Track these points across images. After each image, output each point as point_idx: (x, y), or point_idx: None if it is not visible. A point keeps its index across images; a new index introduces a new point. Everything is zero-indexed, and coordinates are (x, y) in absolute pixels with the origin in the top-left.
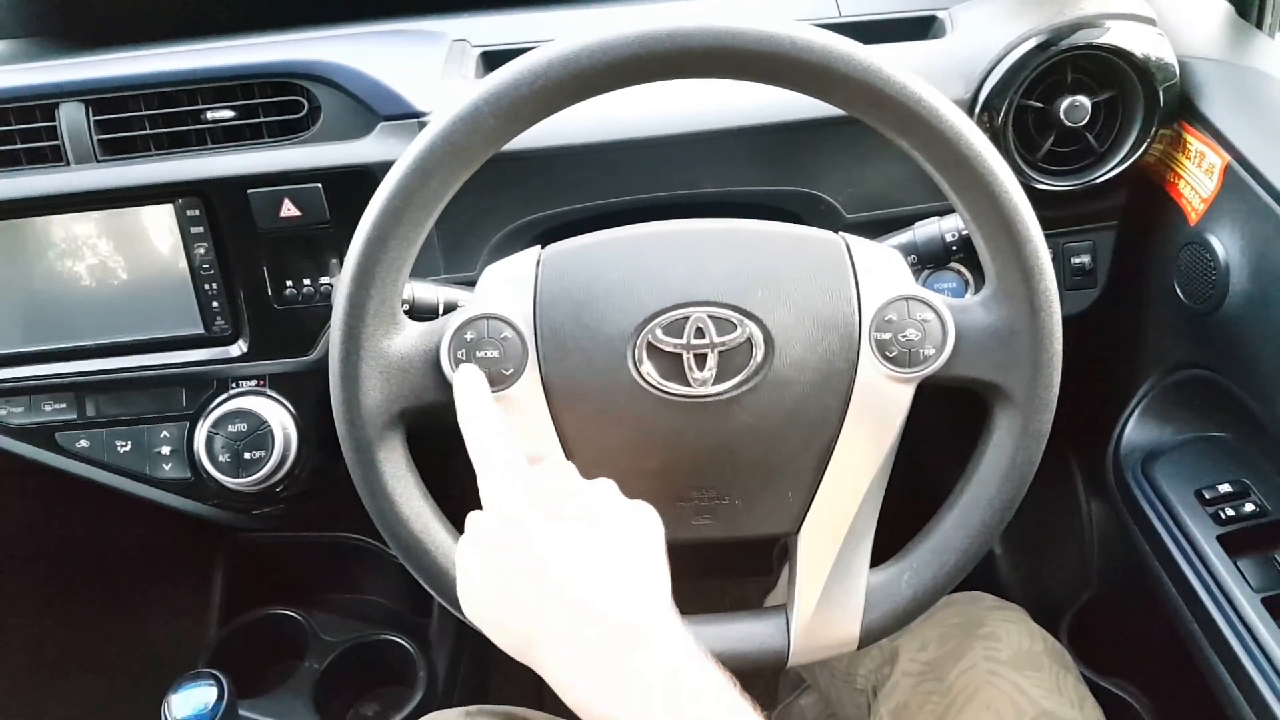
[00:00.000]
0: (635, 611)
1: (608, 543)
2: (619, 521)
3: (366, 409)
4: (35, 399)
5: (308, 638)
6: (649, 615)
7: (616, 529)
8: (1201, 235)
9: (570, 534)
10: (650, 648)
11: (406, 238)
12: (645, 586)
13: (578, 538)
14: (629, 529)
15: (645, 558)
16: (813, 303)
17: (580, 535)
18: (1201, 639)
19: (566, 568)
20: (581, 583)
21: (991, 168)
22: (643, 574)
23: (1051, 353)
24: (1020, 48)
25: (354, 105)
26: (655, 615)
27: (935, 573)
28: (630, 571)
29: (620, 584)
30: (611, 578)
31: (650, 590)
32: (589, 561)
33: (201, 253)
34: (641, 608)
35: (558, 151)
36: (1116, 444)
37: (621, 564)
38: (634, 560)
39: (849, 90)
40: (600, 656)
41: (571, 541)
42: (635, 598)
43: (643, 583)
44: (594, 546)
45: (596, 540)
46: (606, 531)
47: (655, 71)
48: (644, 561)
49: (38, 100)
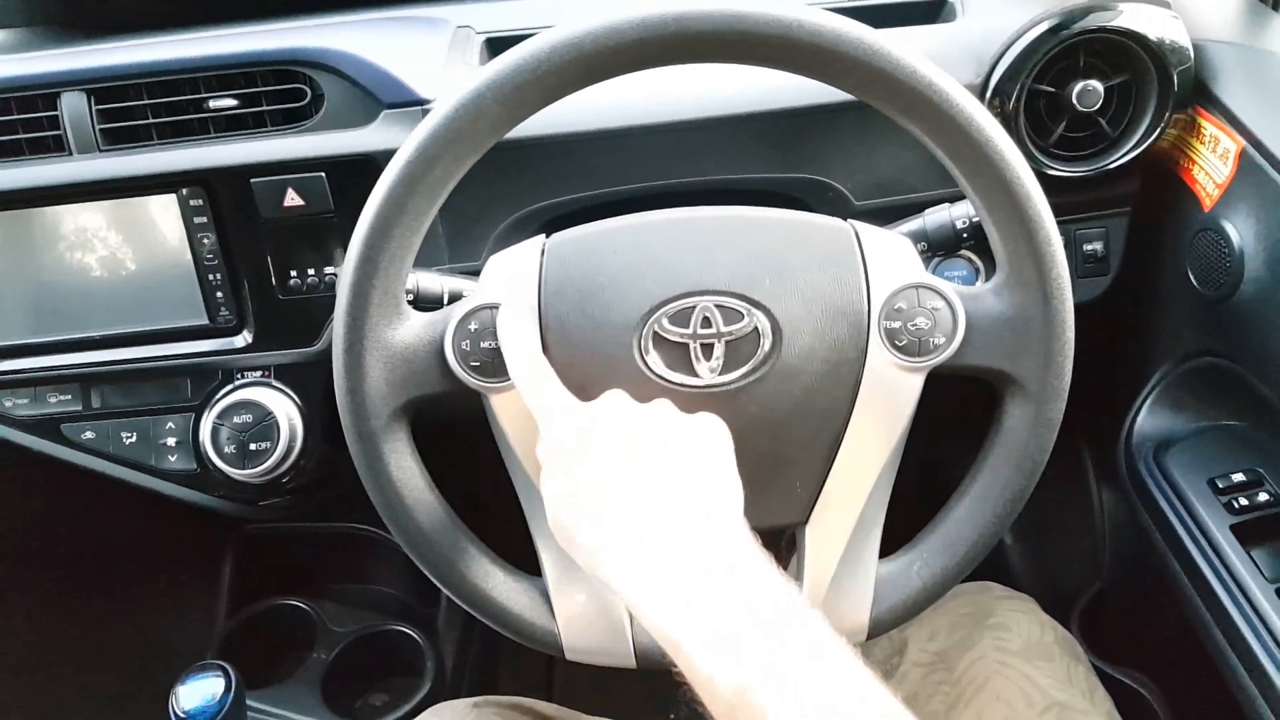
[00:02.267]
0: (708, 524)
1: (680, 460)
2: (687, 436)
3: (371, 400)
4: (40, 390)
5: (316, 628)
6: (721, 527)
7: (687, 444)
8: (1216, 221)
9: (644, 455)
10: (723, 559)
11: (410, 227)
12: (720, 501)
13: (652, 458)
14: (699, 443)
15: (717, 471)
16: (821, 291)
17: (654, 456)
18: (1214, 629)
19: (643, 488)
20: (654, 496)
21: (1003, 153)
22: (717, 487)
23: (1064, 341)
24: (1032, 31)
25: (357, 93)
26: (728, 527)
27: (945, 563)
28: (705, 486)
29: (696, 501)
30: (687, 495)
31: (725, 504)
32: (664, 481)
33: (206, 243)
34: (717, 524)
35: (562, 139)
36: (1128, 433)
37: (695, 480)
38: (707, 475)
39: (859, 75)
40: (673, 569)
41: (646, 462)
42: (711, 514)
43: (717, 497)
44: (667, 465)
45: (669, 459)
46: (678, 449)
47: (661, 56)
48: (717, 475)
49: (39, 89)
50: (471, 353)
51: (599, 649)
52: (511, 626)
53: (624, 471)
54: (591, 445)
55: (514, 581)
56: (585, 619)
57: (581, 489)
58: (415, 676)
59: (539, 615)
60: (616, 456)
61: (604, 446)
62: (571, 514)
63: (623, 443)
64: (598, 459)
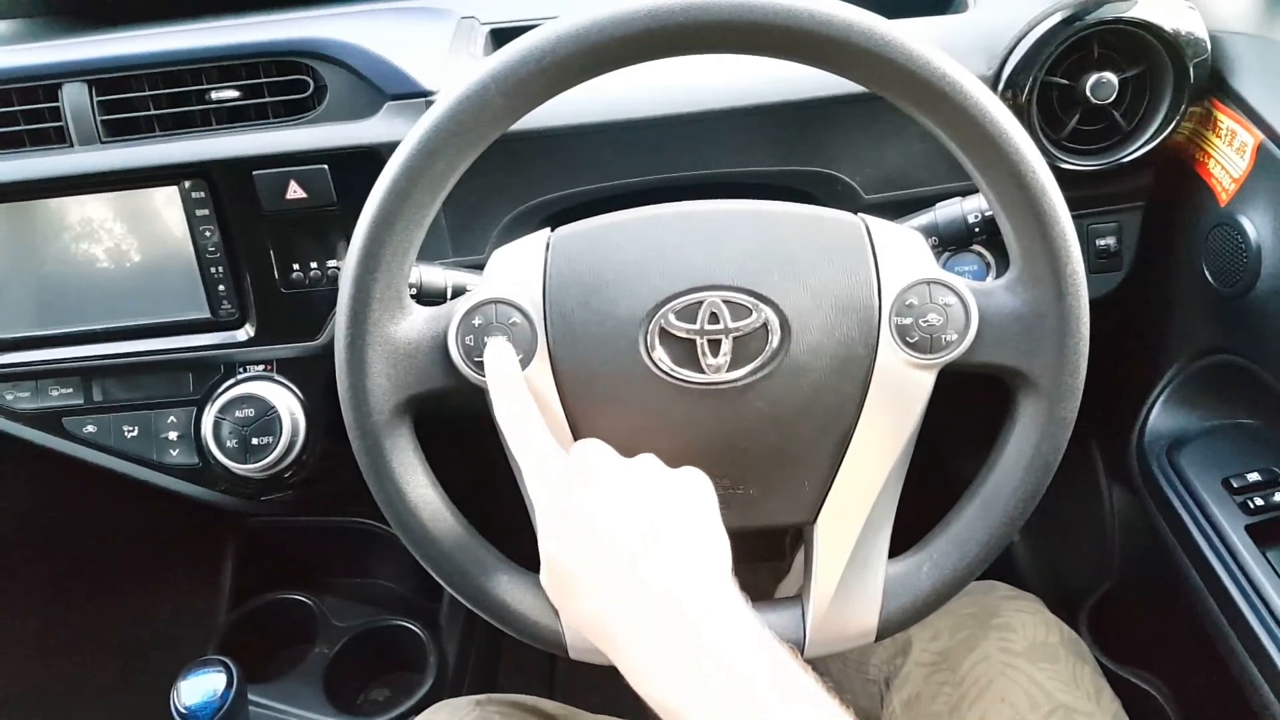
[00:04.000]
0: (700, 592)
1: (665, 525)
2: (674, 496)
3: (373, 395)
4: (42, 383)
5: (318, 623)
6: (713, 594)
7: (673, 505)
8: (1232, 216)
9: (629, 521)
10: (715, 630)
11: (413, 220)
12: (709, 563)
13: (636, 518)
14: (685, 503)
15: (705, 531)
16: (831, 286)
17: (639, 516)
18: (1227, 630)
19: (629, 550)
20: (646, 564)
21: (1017, 145)
22: (705, 549)
23: (1078, 338)
24: (1045, 22)
25: (360, 84)
26: (719, 594)
27: (956, 564)
28: (692, 548)
29: (685, 563)
30: (675, 557)
31: (714, 566)
32: (652, 542)
33: (207, 235)
34: (706, 587)
35: (568, 131)
36: (1141, 430)
37: (682, 546)
38: (695, 536)
39: (870, 65)
40: (667, 641)
41: (630, 523)
42: (700, 577)
43: (706, 559)
44: (654, 527)
45: (656, 520)
46: (663, 513)
47: (668, 47)
48: (705, 535)
49: (40, 80)
50: (475, 348)
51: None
52: (514, 624)
53: (609, 540)
54: (578, 510)
55: (517, 578)
56: None
57: (568, 554)
58: (417, 672)
59: (542, 613)
60: (601, 524)
61: (590, 512)
62: (559, 580)
63: (607, 508)
64: (583, 525)
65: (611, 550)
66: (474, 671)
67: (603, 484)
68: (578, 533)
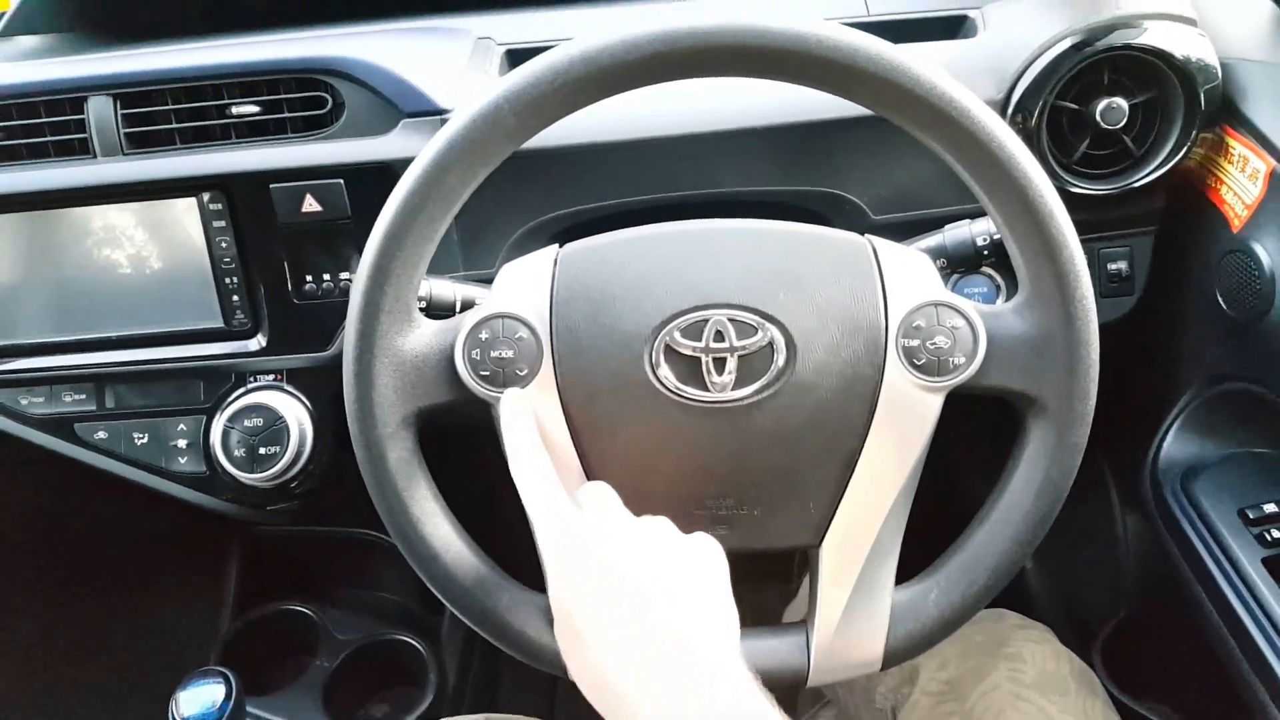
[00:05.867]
0: (711, 650)
1: (679, 581)
2: (686, 557)
3: (379, 407)
4: (56, 389)
5: (319, 635)
6: (722, 655)
7: (685, 566)
8: (1245, 243)
9: (640, 570)
10: (725, 687)
11: (424, 234)
12: (719, 626)
13: (648, 573)
14: (697, 565)
15: (716, 595)
16: (837, 306)
17: (651, 571)
18: (1244, 665)
19: (639, 602)
20: (657, 617)
21: (1024, 168)
22: (716, 612)
23: (1088, 362)
24: (1055, 48)
25: (377, 101)
26: (728, 655)
27: (964, 591)
28: (703, 608)
29: (696, 622)
30: (686, 614)
31: (724, 630)
32: (664, 598)
33: (223, 246)
34: (716, 647)
35: (579, 149)
36: (1155, 458)
37: (694, 602)
38: (706, 597)
39: (876, 89)
40: (676, 696)
41: (642, 577)
42: (710, 638)
43: (716, 622)
44: (667, 585)
45: (668, 578)
46: (676, 569)
47: (677, 69)
48: (715, 599)
49: (67, 94)
50: (481, 362)
51: None
52: (512, 642)
53: (620, 593)
54: (590, 563)
55: (517, 596)
56: None
57: (579, 605)
58: (417, 688)
59: (541, 632)
60: (613, 578)
61: (602, 565)
62: (568, 632)
63: (620, 562)
64: (594, 578)
65: (622, 602)
66: (474, 689)
67: (616, 539)
68: (589, 586)
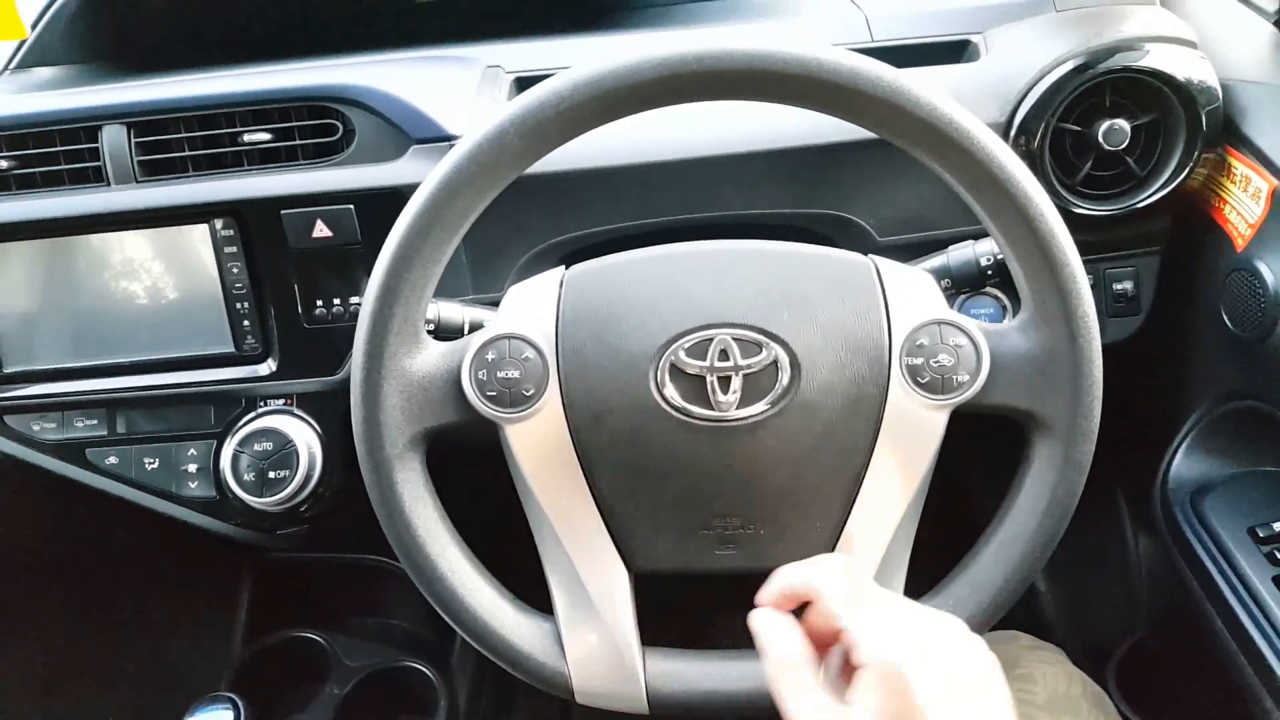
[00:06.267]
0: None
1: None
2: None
3: (386, 428)
4: (68, 415)
5: (330, 662)
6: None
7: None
8: (1249, 262)
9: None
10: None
11: (431, 257)
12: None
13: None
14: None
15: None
16: (841, 325)
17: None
18: (1258, 686)
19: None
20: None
21: (1025, 188)
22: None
23: (1091, 380)
24: (1057, 70)
25: (387, 128)
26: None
27: (972, 610)
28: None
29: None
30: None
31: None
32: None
33: (235, 272)
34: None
35: (586, 173)
36: (1164, 477)
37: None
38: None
39: (879, 111)
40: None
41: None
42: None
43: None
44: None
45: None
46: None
47: (681, 94)
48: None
49: (81, 123)
50: (488, 383)
51: (610, 692)
52: (519, 665)
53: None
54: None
55: (524, 618)
56: (596, 660)
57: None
58: (428, 716)
59: (548, 655)
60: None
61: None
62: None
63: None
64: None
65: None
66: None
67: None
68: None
